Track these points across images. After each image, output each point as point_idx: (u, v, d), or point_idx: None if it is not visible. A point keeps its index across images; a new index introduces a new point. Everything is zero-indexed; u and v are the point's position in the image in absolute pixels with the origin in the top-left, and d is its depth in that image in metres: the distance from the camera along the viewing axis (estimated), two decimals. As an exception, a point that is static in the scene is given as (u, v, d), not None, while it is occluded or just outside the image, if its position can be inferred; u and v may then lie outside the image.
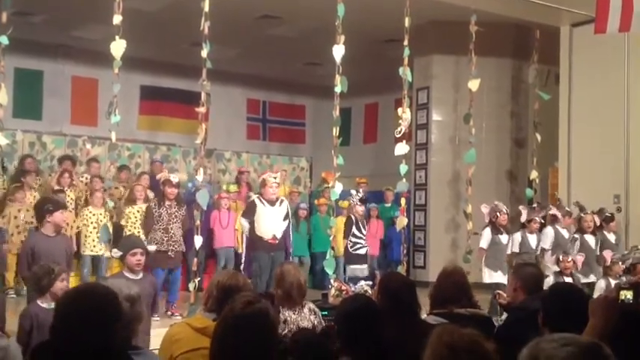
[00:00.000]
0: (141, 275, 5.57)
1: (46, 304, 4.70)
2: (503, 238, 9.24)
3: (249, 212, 8.77)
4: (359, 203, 10.27)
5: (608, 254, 9.14)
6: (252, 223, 8.62)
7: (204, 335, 3.19)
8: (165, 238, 8.33)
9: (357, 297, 3.53)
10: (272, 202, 8.66)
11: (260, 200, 8.68)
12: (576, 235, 9.49)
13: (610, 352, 1.94)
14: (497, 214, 9.18)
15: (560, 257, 8.53)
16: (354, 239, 10.05)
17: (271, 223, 8.60)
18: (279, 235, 8.61)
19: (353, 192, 10.44)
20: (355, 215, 10.18)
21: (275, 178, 8.86)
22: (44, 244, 6.15)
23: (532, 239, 9.33)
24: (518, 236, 9.35)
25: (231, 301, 2.73)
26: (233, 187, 11.43)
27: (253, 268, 8.64)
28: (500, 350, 2.29)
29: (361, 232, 10.15)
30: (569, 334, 2.03)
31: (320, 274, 11.12)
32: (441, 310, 3.99)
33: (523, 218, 9.56)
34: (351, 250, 10.08)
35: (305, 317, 4.61)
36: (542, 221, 9.55)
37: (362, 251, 10.05)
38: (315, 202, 12.15)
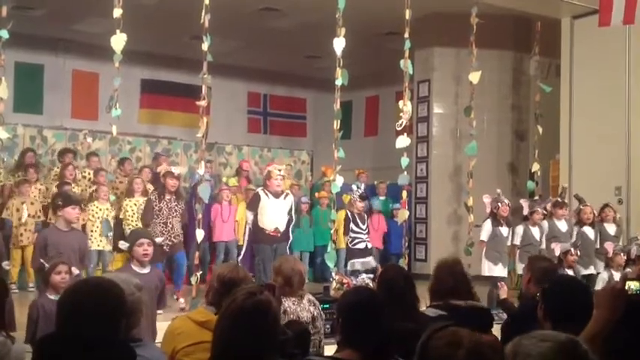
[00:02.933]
0: (148, 269, 5.56)
1: (53, 295, 4.74)
2: (504, 230, 9.20)
3: (253, 204, 8.77)
4: (359, 199, 10.23)
5: (609, 246, 9.12)
6: (255, 216, 8.61)
7: (206, 329, 3.18)
8: (165, 233, 8.31)
9: (359, 289, 3.52)
10: (277, 195, 8.65)
11: (264, 192, 8.68)
12: (575, 228, 9.49)
13: (586, 349, 1.94)
14: (499, 204, 9.15)
15: (572, 250, 8.49)
16: (352, 234, 10.03)
17: (274, 215, 8.59)
18: (282, 229, 8.60)
19: (354, 187, 10.40)
20: (353, 211, 10.16)
21: (280, 170, 8.86)
22: (57, 238, 6.18)
23: (535, 231, 9.29)
24: (520, 229, 9.34)
25: (232, 293, 2.71)
26: (233, 181, 11.40)
27: (256, 261, 8.63)
28: (507, 340, 2.28)
29: (359, 227, 10.11)
30: (551, 332, 2.02)
31: (320, 268, 11.10)
32: (439, 303, 4.00)
33: (525, 211, 9.54)
34: (351, 245, 10.06)
35: (305, 308, 4.59)
36: (545, 212, 9.54)
37: (361, 245, 10.02)
38: (316, 195, 12.07)
